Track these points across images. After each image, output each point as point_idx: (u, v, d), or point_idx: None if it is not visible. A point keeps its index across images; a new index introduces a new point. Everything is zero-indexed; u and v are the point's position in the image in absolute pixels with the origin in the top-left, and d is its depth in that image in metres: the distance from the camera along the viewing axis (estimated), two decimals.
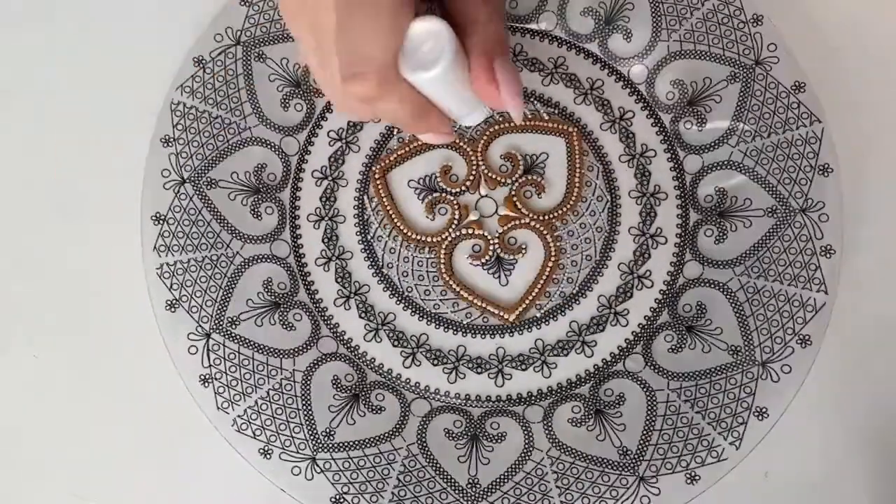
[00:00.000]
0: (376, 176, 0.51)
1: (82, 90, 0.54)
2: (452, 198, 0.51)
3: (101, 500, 0.50)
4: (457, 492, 0.47)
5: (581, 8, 0.52)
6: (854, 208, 0.50)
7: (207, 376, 0.48)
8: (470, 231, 0.51)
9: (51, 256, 0.53)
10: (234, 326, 0.49)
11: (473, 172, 0.51)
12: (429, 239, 0.51)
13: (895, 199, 0.51)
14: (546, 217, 0.51)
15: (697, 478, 0.46)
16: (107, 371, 0.51)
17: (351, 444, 0.47)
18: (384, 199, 0.51)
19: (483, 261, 0.51)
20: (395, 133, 0.52)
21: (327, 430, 0.48)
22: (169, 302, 0.49)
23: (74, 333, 0.52)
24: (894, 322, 0.50)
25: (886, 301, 0.51)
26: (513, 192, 0.51)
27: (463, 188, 0.51)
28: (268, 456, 0.47)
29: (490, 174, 0.51)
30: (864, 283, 0.50)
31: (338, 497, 0.46)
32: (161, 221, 0.49)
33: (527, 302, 0.50)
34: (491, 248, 0.51)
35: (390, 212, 0.51)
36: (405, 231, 0.51)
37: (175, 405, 0.49)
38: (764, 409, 0.46)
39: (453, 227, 0.51)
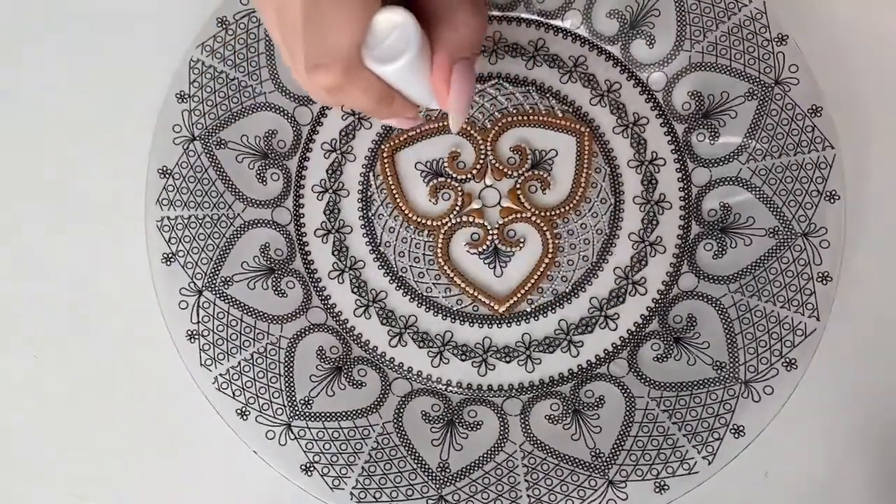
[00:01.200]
0: (384, 154, 0.52)
1: (82, 88, 0.54)
2: (457, 184, 0.51)
3: (101, 500, 0.50)
4: (426, 474, 0.47)
5: (608, 9, 0.52)
6: (855, 208, 0.50)
7: (195, 332, 0.48)
8: (470, 219, 0.51)
9: (51, 256, 0.53)
10: (226, 286, 0.49)
11: (481, 161, 0.51)
12: (429, 222, 0.51)
13: (895, 200, 0.51)
14: (548, 213, 0.51)
15: (666, 487, 0.45)
16: (107, 371, 0.51)
17: (328, 414, 0.48)
18: (389, 178, 0.51)
19: (480, 249, 0.51)
20: None
21: (306, 399, 0.48)
22: (165, 255, 0.49)
23: (74, 333, 0.52)
24: (894, 322, 0.50)
25: (886, 301, 0.50)
26: (517, 185, 0.51)
27: (469, 176, 0.51)
28: (244, 417, 0.47)
29: (497, 165, 0.51)
30: (864, 283, 0.50)
31: (308, 465, 0.46)
32: (167, 175, 0.50)
33: (518, 295, 0.50)
34: (489, 237, 0.51)
35: (394, 191, 0.51)
36: (406, 211, 0.51)
37: (176, 405, 0.50)
38: (741, 428, 0.46)
39: (454, 213, 0.51)
